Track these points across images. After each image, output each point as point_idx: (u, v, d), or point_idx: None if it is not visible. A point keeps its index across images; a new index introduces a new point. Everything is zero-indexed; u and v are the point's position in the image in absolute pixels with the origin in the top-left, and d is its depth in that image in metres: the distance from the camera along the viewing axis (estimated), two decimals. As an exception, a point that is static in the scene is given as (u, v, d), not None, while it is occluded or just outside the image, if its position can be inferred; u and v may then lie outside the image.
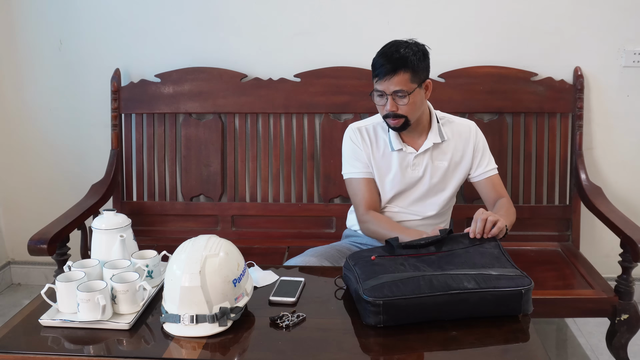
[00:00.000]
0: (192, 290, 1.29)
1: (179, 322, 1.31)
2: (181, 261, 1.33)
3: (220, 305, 1.31)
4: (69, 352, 1.30)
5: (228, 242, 1.41)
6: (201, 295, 1.29)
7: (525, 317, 1.38)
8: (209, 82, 2.49)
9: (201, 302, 1.30)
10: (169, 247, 1.65)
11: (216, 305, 1.31)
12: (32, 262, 2.91)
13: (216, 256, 1.33)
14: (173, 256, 1.38)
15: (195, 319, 1.30)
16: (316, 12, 2.48)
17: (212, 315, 1.30)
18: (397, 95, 1.74)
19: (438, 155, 1.90)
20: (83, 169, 2.71)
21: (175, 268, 1.33)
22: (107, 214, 1.57)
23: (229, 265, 1.34)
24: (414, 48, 1.75)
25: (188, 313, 1.30)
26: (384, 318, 1.32)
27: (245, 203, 2.53)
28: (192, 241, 1.39)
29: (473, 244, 1.53)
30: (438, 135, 1.88)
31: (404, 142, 1.89)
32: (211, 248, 1.34)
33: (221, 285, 1.31)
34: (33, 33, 2.61)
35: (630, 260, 1.95)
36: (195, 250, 1.34)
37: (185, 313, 1.30)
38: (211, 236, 1.41)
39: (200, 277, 1.29)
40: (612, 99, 2.48)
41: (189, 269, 1.30)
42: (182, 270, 1.31)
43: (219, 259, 1.33)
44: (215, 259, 1.32)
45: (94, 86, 2.62)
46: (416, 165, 1.89)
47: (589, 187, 2.36)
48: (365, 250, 1.58)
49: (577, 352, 2.36)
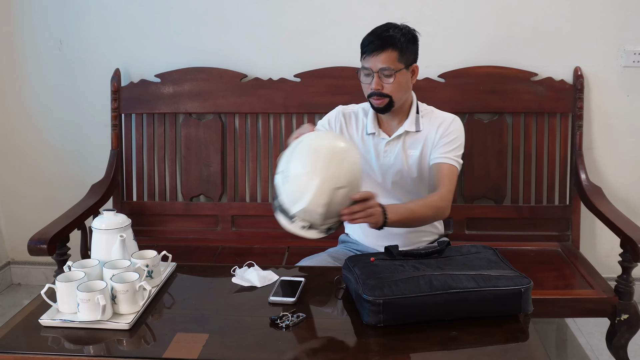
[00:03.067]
0: (312, 213, 1.46)
1: (291, 222, 1.50)
2: (313, 186, 1.43)
3: (330, 221, 1.51)
4: (69, 352, 1.30)
5: (355, 163, 1.50)
6: (319, 220, 1.48)
7: (525, 317, 1.38)
8: (209, 82, 2.49)
9: (317, 221, 1.49)
10: (169, 247, 1.66)
11: (328, 221, 1.50)
12: (32, 262, 2.91)
13: (340, 189, 1.45)
14: (303, 161, 1.47)
15: (308, 227, 1.50)
16: (316, 12, 2.48)
17: (323, 229, 1.52)
18: (383, 74, 1.73)
19: (411, 143, 1.86)
20: (83, 169, 2.71)
21: (305, 182, 1.44)
22: (107, 214, 1.57)
23: (349, 195, 1.48)
24: (403, 30, 1.76)
25: (303, 221, 1.49)
26: (383, 317, 1.32)
27: (245, 203, 2.53)
28: (326, 155, 1.46)
29: (471, 253, 1.54)
30: (414, 124, 1.85)
31: (380, 127, 1.88)
32: (339, 179, 1.44)
33: (338, 211, 1.48)
34: (33, 33, 2.61)
35: (630, 260, 1.95)
36: (327, 181, 1.43)
37: (301, 219, 1.48)
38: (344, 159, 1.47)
39: (323, 207, 1.45)
40: (612, 99, 2.48)
41: (316, 199, 1.44)
42: (312, 193, 1.43)
43: (343, 191, 1.45)
44: (340, 191, 1.45)
45: (94, 86, 2.62)
46: (387, 152, 1.87)
47: (589, 187, 2.36)
48: (364, 254, 1.58)
49: (577, 352, 2.36)
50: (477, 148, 2.43)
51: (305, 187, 1.44)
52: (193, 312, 1.44)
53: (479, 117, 2.46)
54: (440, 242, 1.57)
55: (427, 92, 2.37)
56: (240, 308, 1.47)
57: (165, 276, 1.60)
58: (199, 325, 1.37)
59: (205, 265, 2.01)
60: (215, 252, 2.39)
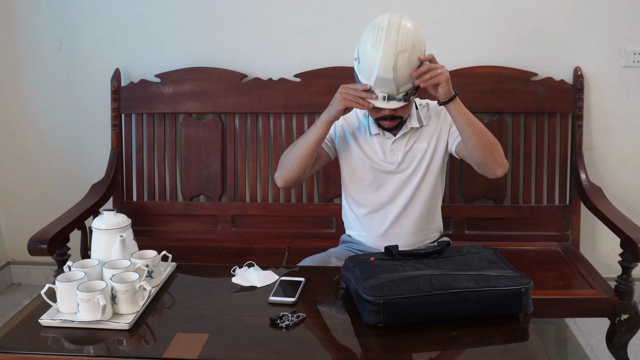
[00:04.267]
0: (385, 81, 1.66)
1: (372, 93, 1.69)
2: (378, 56, 1.62)
3: (405, 87, 1.68)
4: (69, 352, 1.30)
5: (414, 30, 1.65)
6: (394, 87, 1.66)
7: (525, 317, 1.39)
8: (209, 82, 2.49)
9: (392, 89, 1.67)
10: (169, 247, 1.66)
11: (403, 88, 1.68)
12: (32, 262, 2.91)
13: (403, 52, 1.62)
14: (366, 38, 1.68)
15: (387, 98, 1.68)
16: (316, 12, 2.48)
17: (400, 97, 1.69)
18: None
19: (418, 138, 1.88)
20: (83, 169, 2.71)
21: (372, 55, 1.64)
22: (107, 214, 1.57)
23: (415, 56, 1.64)
24: None
25: (382, 92, 1.68)
26: (383, 317, 1.32)
27: (245, 203, 2.53)
28: (383, 26, 1.63)
29: (471, 253, 1.54)
30: (417, 120, 1.87)
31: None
32: (402, 43, 1.61)
33: (408, 74, 1.65)
34: (33, 33, 2.61)
35: (630, 260, 1.95)
36: (389, 47, 1.61)
37: (379, 91, 1.68)
38: (400, 26, 1.63)
39: (392, 72, 1.63)
40: (612, 99, 2.48)
41: (383, 65, 1.63)
42: (379, 61, 1.63)
43: (406, 55, 1.62)
44: (404, 54, 1.62)
45: (94, 86, 2.62)
46: (394, 150, 1.88)
47: (589, 187, 2.36)
48: (364, 254, 1.58)
49: (577, 352, 2.36)
50: (477, 148, 2.43)
51: (373, 59, 1.64)
52: (193, 312, 1.44)
53: (479, 117, 2.43)
54: (440, 242, 1.57)
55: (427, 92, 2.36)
56: (240, 308, 1.47)
57: (165, 276, 1.60)
58: (199, 325, 1.37)
59: (205, 265, 2.01)
60: (215, 252, 2.39)
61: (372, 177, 1.91)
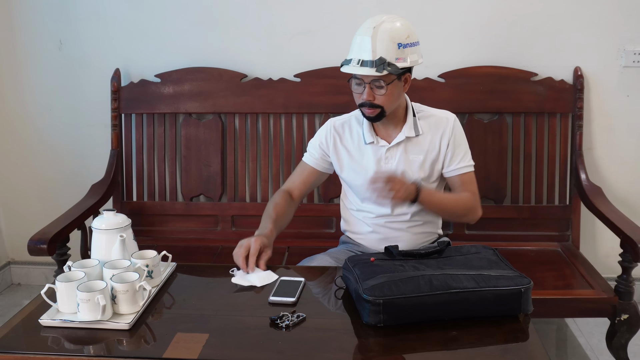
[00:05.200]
0: (363, 41, 1.68)
1: (349, 64, 1.70)
2: (361, 25, 1.71)
3: (381, 54, 1.66)
4: (69, 352, 1.30)
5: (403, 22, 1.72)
6: (369, 45, 1.67)
7: (525, 317, 1.38)
8: (209, 82, 2.49)
9: (367, 49, 1.67)
10: (169, 247, 1.66)
11: (379, 52, 1.67)
12: (32, 262, 2.91)
13: (391, 22, 1.68)
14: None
15: (360, 62, 1.68)
16: (316, 12, 2.48)
17: (372, 61, 1.67)
18: (375, 85, 1.72)
19: (413, 148, 1.84)
20: (83, 169, 2.71)
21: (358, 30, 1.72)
22: (107, 214, 1.57)
23: (399, 32, 1.68)
24: None
25: (356, 57, 1.70)
26: (383, 317, 1.32)
27: (245, 203, 2.53)
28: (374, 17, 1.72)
29: (471, 253, 1.54)
30: (412, 129, 1.83)
31: (377, 135, 1.86)
32: (392, 18, 1.70)
33: (387, 42, 1.66)
34: (33, 33, 2.61)
35: (630, 260, 1.95)
36: (375, 18, 1.70)
37: (355, 57, 1.70)
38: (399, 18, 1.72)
39: (372, 30, 1.66)
40: (612, 99, 2.48)
41: (366, 24, 1.70)
42: (362, 25, 1.71)
43: (392, 25, 1.68)
44: (388, 24, 1.68)
45: (94, 86, 2.62)
46: (389, 158, 1.85)
47: (589, 187, 2.36)
48: (364, 254, 1.58)
49: (577, 352, 2.36)
50: (477, 148, 2.41)
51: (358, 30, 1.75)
52: (193, 312, 1.44)
53: (479, 117, 2.46)
54: (440, 242, 1.57)
55: (427, 92, 2.38)
56: (240, 308, 1.47)
57: (165, 276, 1.60)
58: (199, 325, 1.37)
59: (205, 265, 2.01)
60: (215, 252, 2.39)
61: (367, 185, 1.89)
